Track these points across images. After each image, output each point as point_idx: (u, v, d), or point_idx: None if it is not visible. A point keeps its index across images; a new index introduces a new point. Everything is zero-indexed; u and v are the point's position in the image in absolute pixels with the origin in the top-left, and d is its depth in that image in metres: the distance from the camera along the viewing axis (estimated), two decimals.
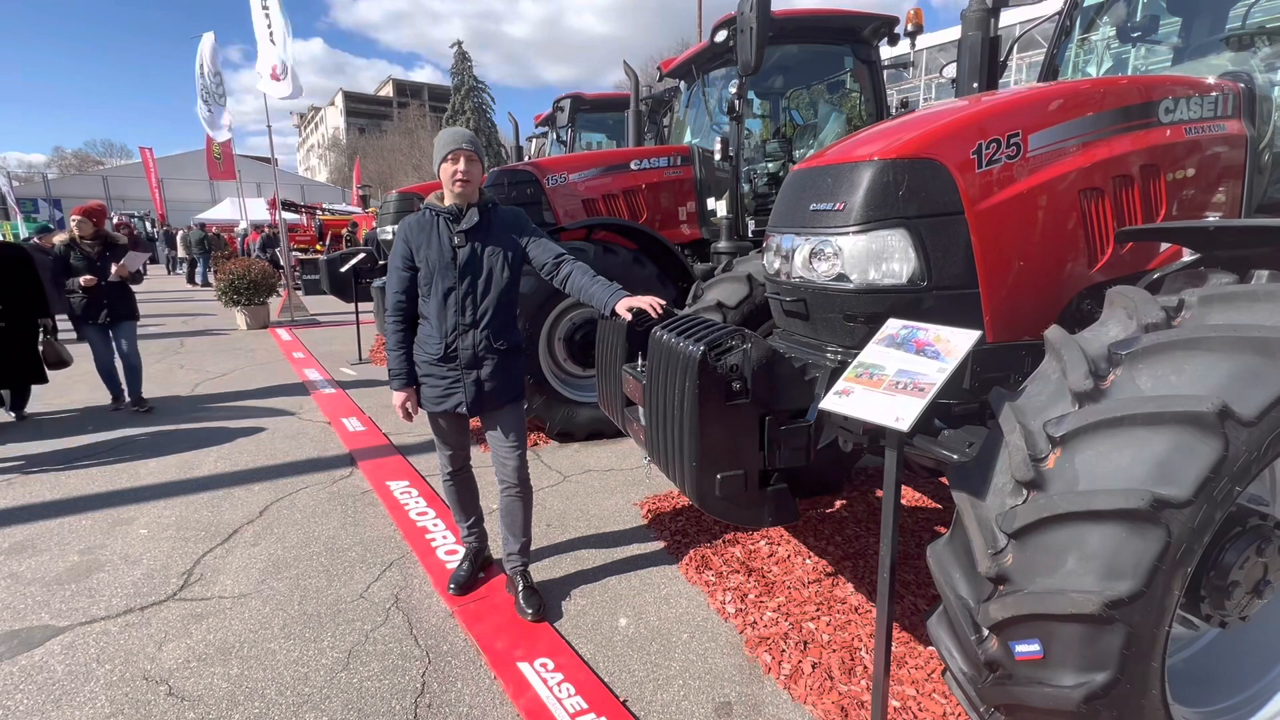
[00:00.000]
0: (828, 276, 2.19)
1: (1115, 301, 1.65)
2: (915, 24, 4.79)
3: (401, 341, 2.61)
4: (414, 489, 3.94)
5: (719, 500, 1.89)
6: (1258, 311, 1.41)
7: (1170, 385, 1.36)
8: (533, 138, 10.50)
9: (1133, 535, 1.28)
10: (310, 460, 4.52)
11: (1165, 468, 1.28)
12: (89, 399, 6.10)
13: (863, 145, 2.24)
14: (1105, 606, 1.27)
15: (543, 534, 3.38)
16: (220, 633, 2.60)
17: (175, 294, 16.57)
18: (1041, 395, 1.56)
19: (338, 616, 2.69)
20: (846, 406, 1.61)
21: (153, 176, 27.24)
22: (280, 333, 9.91)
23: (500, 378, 2.58)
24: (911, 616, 2.59)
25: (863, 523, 3.38)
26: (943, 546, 1.65)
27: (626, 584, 2.92)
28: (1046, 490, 1.41)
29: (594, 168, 5.36)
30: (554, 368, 4.81)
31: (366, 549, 3.26)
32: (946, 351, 1.56)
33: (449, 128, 2.62)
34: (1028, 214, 2.12)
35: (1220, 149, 2.43)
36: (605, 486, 4.00)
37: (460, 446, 2.79)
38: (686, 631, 2.57)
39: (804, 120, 5.86)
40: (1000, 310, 2.14)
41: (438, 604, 2.78)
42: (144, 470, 4.34)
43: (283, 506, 3.78)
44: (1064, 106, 2.17)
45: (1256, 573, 1.59)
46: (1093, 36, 3.55)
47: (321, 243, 19.62)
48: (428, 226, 2.52)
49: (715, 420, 1.83)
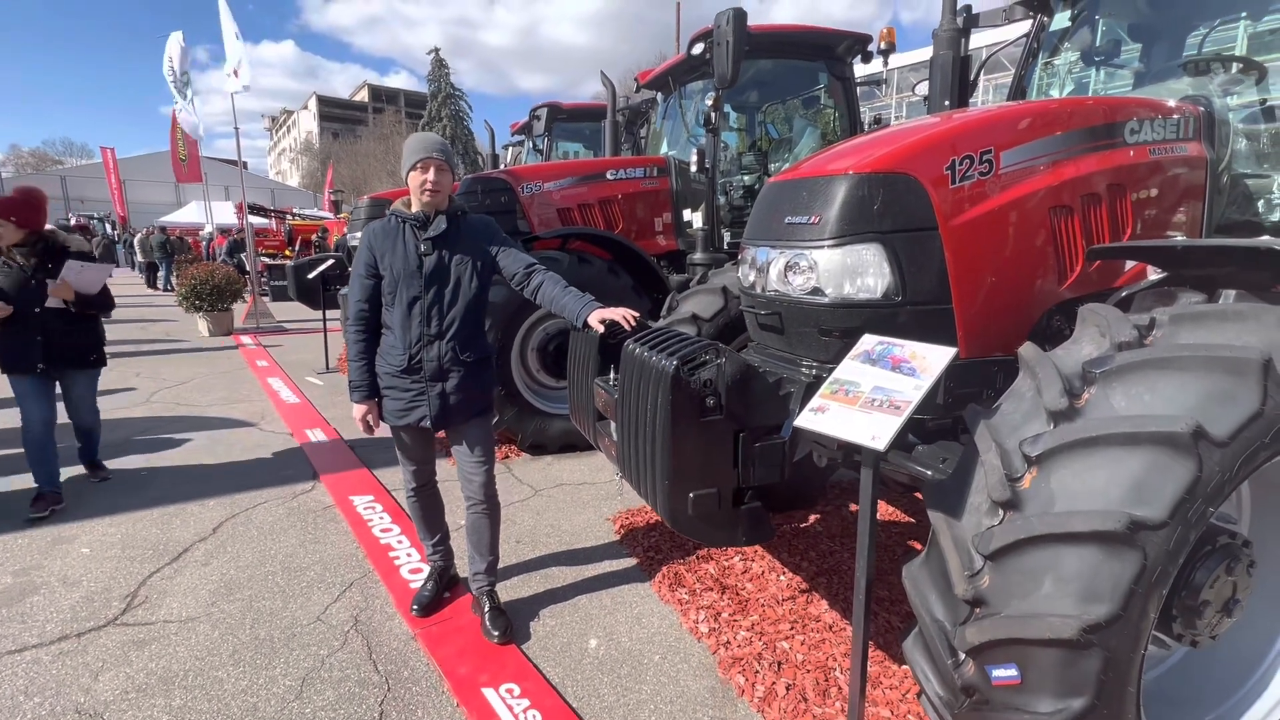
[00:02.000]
0: (803, 290, 2.17)
1: (1087, 319, 1.65)
2: (888, 42, 4.88)
3: (363, 352, 2.51)
4: (378, 504, 3.80)
5: (691, 519, 1.84)
6: (1226, 331, 1.41)
7: (1144, 405, 1.35)
8: (509, 146, 10.42)
9: (1109, 558, 1.26)
10: (270, 474, 4.34)
11: (1141, 489, 1.27)
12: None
13: (838, 159, 2.23)
14: (1083, 631, 1.25)
15: (512, 551, 3.28)
16: (163, 660, 2.44)
17: (134, 299, 16.00)
18: (1016, 413, 1.54)
19: (292, 641, 2.55)
20: (822, 424, 1.57)
21: (113, 177, 26.38)
22: (244, 340, 9.60)
23: (466, 391, 2.49)
24: (886, 634, 2.56)
25: (837, 537, 3.36)
26: (918, 567, 1.62)
27: (597, 603, 2.83)
28: (1023, 511, 1.39)
29: (570, 177, 5.31)
30: (527, 379, 4.72)
31: (326, 568, 3.12)
32: (922, 369, 1.54)
33: (419, 133, 2.54)
34: (1000, 230, 2.13)
35: (1182, 170, 2.49)
36: (577, 501, 3.92)
37: (425, 461, 2.69)
38: (658, 653, 2.50)
39: (779, 135, 5.91)
40: (973, 326, 2.14)
41: (399, 626, 2.66)
42: (89, 485, 4.11)
43: (238, 523, 3.60)
44: (1035, 125, 2.19)
45: (1226, 591, 1.59)
46: (1057, 60, 3.64)
47: (291, 248, 19.16)
48: (393, 233, 2.44)
49: (688, 437, 1.78)
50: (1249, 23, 3.10)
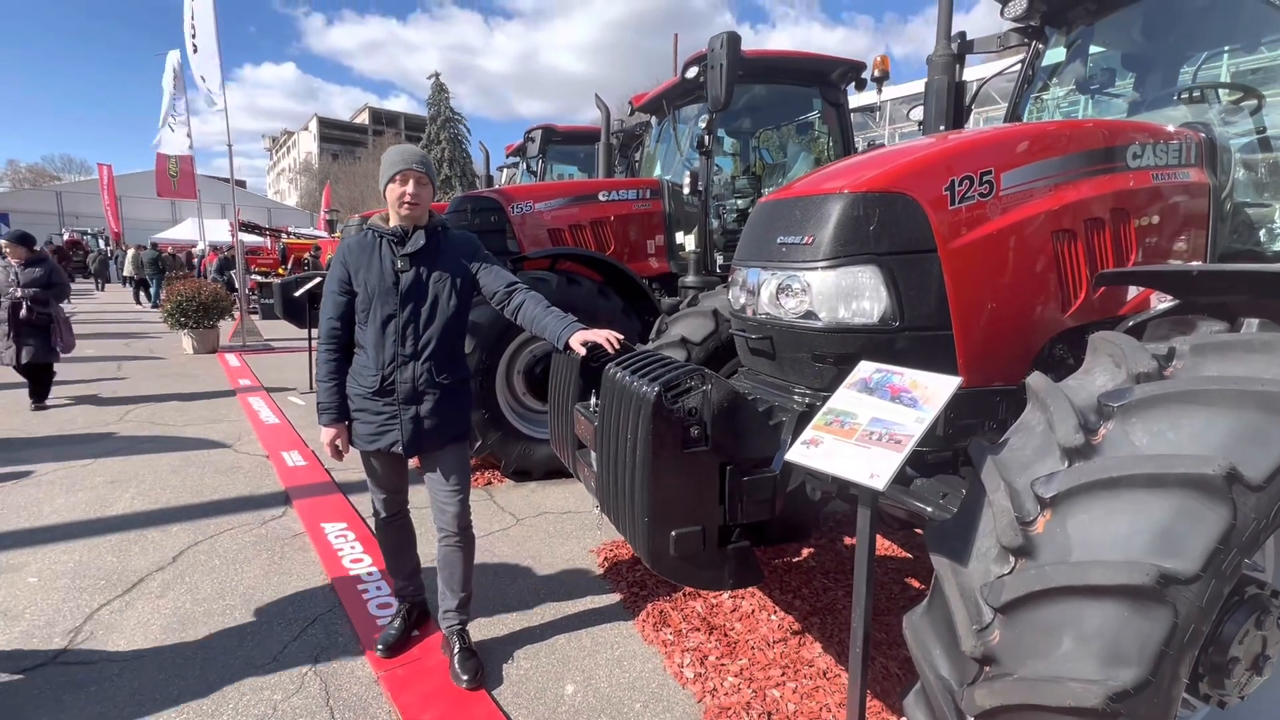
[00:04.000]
0: (795, 314, 2.06)
1: (1099, 348, 1.54)
2: (882, 70, 4.87)
3: (334, 372, 2.37)
4: (351, 532, 3.62)
5: (674, 560, 1.69)
6: (1254, 363, 1.30)
7: (1169, 443, 1.23)
8: (503, 168, 10.42)
9: (1136, 615, 1.13)
10: (240, 498, 4.15)
11: (1169, 537, 1.14)
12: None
13: (833, 178, 2.14)
14: (1109, 699, 1.10)
15: (489, 584, 3.09)
16: (100, 705, 2.24)
17: (120, 314, 15.80)
18: (1026, 449, 1.41)
19: (243, 685, 2.36)
20: (815, 459, 1.44)
21: (107, 193, 26.33)
22: (229, 358, 9.41)
23: (442, 415, 2.35)
24: (884, 682, 2.39)
25: (831, 574, 3.19)
26: (920, 617, 1.48)
27: (576, 643, 2.65)
28: (1036, 559, 1.26)
29: (561, 197, 5.24)
30: (512, 402, 4.57)
31: (289, 602, 2.93)
32: (924, 399, 1.42)
33: (397, 145, 2.44)
34: (1001, 254, 2.04)
35: (1185, 196, 2.41)
36: (560, 531, 3.74)
37: (396, 490, 2.54)
38: (639, 700, 2.32)
39: (773, 160, 5.88)
40: (974, 353, 2.03)
41: (362, 668, 2.47)
42: (47, 509, 3.91)
43: (200, 551, 3.41)
44: (1035, 146, 2.12)
45: (1256, 647, 1.45)
46: (1052, 89, 3.61)
47: (284, 266, 19.05)
48: (369, 248, 2.32)
49: (670, 469, 1.64)
50: (1243, 55, 3.09)
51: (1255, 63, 3.06)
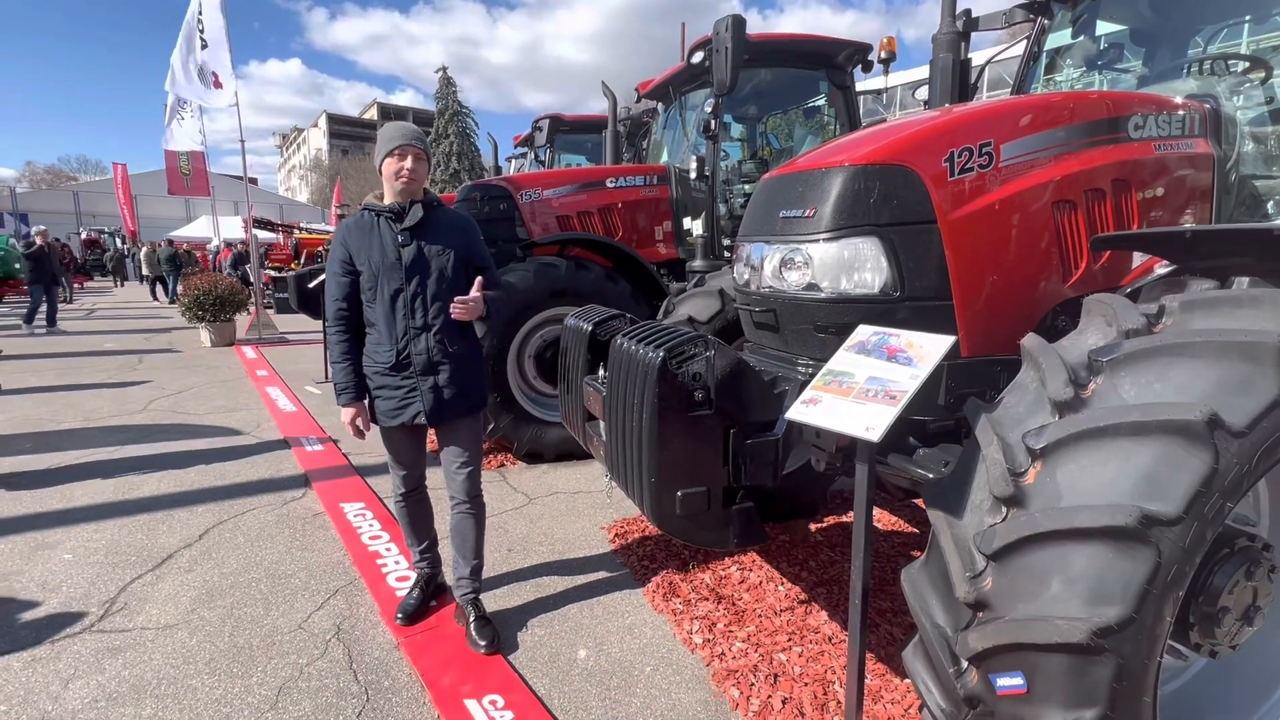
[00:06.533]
0: (798, 286, 2.11)
1: (1093, 309, 1.58)
2: (889, 51, 4.85)
3: (346, 352, 2.44)
4: (369, 511, 3.72)
5: (679, 519, 1.75)
6: (1241, 317, 1.34)
7: (1155, 393, 1.27)
8: (512, 158, 10.48)
9: (1120, 556, 1.18)
10: (261, 481, 4.28)
11: (1153, 481, 1.19)
12: (31, 417, 5.77)
13: (834, 153, 2.18)
14: (1093, 635, 1.16)
15: (503, 559, 3.19)
16: (137, 668, 2.36)
17: (138, 309, 16.09)
18: (1020, 406, 1.46)
19: (271, 649, 2.47)
20: (814, 416, 1.50)
21: (123, 192, 26.70)
22: (245, 350, 9.59)
23: (460, 383, 2.43)
24: (888, 647, 2.45)
25: (838, 548, 3.25)
26: (918, 570, 1.53)
27: (588, 612, 2.74)
28: (1027, 507, 1.31)
29: (569, 184, 5.29)
30: (523, 385, 4.65)
31: (311, 575, 3.04)
32: (919, 357, 1.47)
33: (394, 122, 2.50)
34: (1002, 225, 2.07)
35: (1188, 167, 2.42)
36: (572, 509, 3.83)
37: (415, 464, 2.62)
38: (650, 664, 2.40)
39: (780, 144, 5.89)
40: (975, 323, 2.07)
41: (383, 635, 2.57)
42: (78, 491, 4.06)
43: (226, 530, 3.53)
44: (1036, 118, 2.14)
45: (1246, 598, 1.49)
46: (1059, 66, 3.60)
47: (297, 261, 19.27)
48: (368, 227, 2.39)
49: (675, 432, 1.70)
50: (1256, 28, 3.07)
51: (1272, 39, 3.02)
